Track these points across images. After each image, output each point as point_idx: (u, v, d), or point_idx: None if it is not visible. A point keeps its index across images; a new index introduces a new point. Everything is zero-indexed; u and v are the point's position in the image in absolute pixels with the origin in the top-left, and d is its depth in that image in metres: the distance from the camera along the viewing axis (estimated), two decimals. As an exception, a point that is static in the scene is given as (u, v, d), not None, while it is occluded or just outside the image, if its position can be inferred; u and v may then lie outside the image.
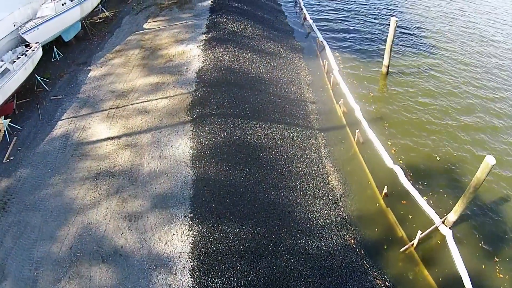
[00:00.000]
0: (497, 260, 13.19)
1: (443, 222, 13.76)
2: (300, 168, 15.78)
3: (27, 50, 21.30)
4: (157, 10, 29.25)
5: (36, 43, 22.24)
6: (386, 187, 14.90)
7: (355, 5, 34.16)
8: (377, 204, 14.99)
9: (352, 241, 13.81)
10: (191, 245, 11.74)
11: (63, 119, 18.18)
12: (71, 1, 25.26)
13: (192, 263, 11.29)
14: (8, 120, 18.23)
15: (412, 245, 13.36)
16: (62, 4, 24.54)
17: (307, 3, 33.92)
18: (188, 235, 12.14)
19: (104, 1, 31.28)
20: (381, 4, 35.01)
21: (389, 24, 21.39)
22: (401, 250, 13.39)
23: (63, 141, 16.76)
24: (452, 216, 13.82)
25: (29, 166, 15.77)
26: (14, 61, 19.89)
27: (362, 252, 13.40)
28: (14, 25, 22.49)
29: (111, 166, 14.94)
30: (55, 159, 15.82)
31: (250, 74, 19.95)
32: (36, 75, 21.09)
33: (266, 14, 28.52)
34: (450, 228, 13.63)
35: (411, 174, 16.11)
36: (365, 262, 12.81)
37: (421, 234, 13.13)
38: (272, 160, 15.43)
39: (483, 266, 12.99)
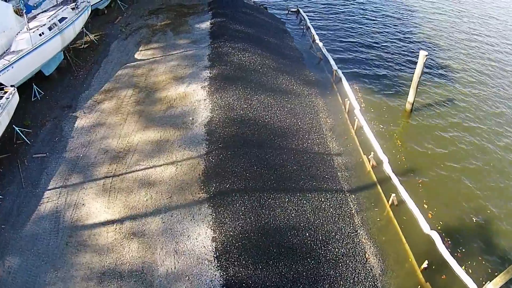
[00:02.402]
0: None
1: (481, 292, 12.71)
2: (336, 249, 13.55)
3: (0, 97, 18.07)
4: (149, 33, 26.09)
5: (12, 86, 18.97)
6: (426, 262, 13.43)
7: (368, 24, 31.60)
8: (416, 280, 13.40)
9: (396, 331, 12.01)
10: None
11: (50, 189, 15.17)
12: (50, 30, 21.89)
13: None
14: (-13, 186, 15.22)
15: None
16: (40, 35, 21.13)
17: (308, 13, 31.32)
18: None
19: (89, 22, 27.80)
20: (397, 24, 32.39)
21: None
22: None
23: (54, 223, 13.86)
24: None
25: (17, 253, 12.89)
26: (-14, 114, 16.71)
27: None
28: (-16, 65, 19.11)
29: (117, 263, 12.24)
30: (48, 248, 12.98)
31: (267, 125, 17.35)
32: (14, 125, 17.94)
33: (271, 37, 25.76)
34: (487, 297, 12.58)
35: (449, 241, 14.61)
36: None
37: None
38: (307, 245, 13.07)
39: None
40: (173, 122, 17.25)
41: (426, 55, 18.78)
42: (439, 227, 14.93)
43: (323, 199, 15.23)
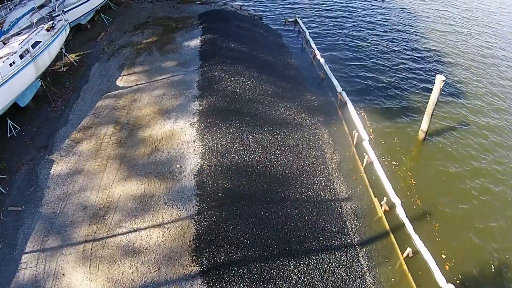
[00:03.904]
0: None
1: None
2: (350, 325, 11.76)
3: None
4: (133, 53, 23.82)
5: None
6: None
7: (375, 39, 29.01)
8: None
9: None
10: None
11: (27, 252, 13.32)
12: (22, 58, 19.61)
13: None
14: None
15: None
16: (10, 64, 18.89)
17: (308, 24, 28.89)
18: None
19: (70, 39, 25.49)
20: (407, 40, 29.57)
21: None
22: None
23: (35, 295, 12.12)
24: None
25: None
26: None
27: None
28: None
29: None
30: (30, 328, 11.25)
31: (266, 172, 15.27)
32: (-13, 173, 16.01)
33: (268, 55, 23.47)
34: None
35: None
36: None
37: None
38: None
39: None
40: (159, 171, 15.16)
41: (444, 81, 16.64)
42: (457, 280, 13.53)
43: (331, 260, 13.31)
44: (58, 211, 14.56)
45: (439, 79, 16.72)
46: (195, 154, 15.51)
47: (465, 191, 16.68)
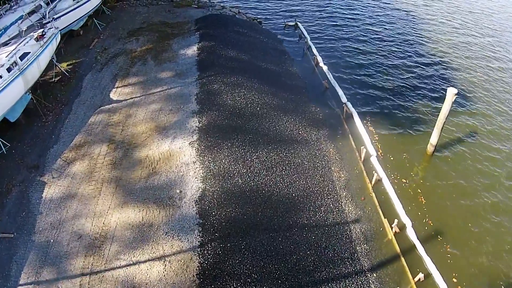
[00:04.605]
0: None
1: None
2: None
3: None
4: (127, 62, 22.76)
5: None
6: None
7: (381, 45, 27.97)
8: None
9: None
10: None
11: (22, 285, 12.49)
12: (9, 71, 18.55)
13: None
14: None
15: None
16: (-3, 79, 17.91)
17: (308, 29, 27.86)
18: None
19: (62, 47, 24.37)
20: (415, 48, 28.51)
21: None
22: None
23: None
24: None
25: None
26: None
27: None
28: None
29: None
30: None
31: (272, 196, 14.42)
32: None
33: (269, 63, 22.51)
34: None
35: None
36: None
37: None
38: None
39: None
40: (157, 197, 14.27)
41: (456, 94, 15.85)
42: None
43: (342, 289, 12.62)
44: (52, 240, 13.71)
45: (451, 92, 15.94)
46: (196, 178, 14.62)
47: (476, 209, 16.13)
